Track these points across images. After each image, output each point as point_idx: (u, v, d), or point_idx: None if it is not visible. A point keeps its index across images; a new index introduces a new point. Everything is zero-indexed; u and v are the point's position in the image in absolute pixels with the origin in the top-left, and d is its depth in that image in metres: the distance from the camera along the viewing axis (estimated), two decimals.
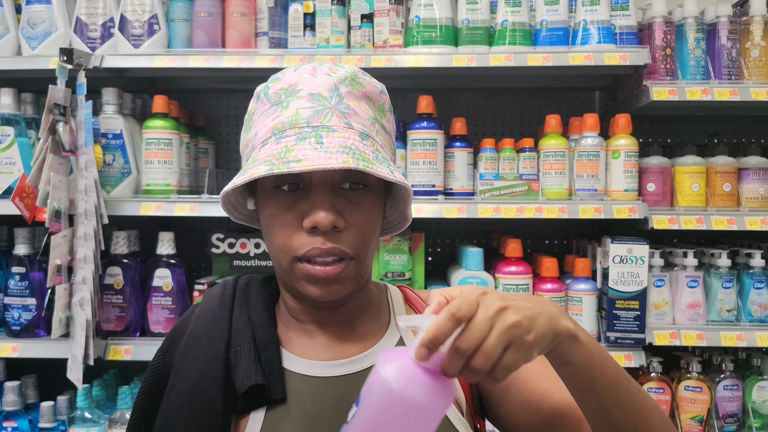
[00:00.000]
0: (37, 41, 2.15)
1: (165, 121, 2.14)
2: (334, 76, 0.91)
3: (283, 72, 0.95)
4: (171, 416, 0.91)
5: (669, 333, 2.03)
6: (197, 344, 0.95)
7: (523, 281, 2.07)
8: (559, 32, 2.11)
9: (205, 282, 2.17)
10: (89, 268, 1.95)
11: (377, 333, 0.98)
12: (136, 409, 0.99)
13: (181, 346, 0.96)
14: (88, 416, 2.03)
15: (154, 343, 2.08)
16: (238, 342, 0.94)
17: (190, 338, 0.96)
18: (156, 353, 1.00)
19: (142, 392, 1.00)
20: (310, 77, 0.91)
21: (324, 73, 0.92)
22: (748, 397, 2.12)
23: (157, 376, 0.98)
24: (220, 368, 0.92)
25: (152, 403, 0.96)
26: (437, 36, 2.09)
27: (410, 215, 1.02)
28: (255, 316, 0.98)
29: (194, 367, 0.93)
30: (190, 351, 0.95)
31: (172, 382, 0.94)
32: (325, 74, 0.91)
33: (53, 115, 1.95)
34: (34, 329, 2.12)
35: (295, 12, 2.13)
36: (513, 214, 2.02)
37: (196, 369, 0.93)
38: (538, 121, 2.35)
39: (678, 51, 2.15)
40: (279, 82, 0.93)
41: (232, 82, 2.48)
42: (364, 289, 0.99)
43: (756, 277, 2.11)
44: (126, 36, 2.13)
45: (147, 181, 2.14)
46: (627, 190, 2.07)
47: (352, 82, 0.92)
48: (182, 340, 0.97)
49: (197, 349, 0.94)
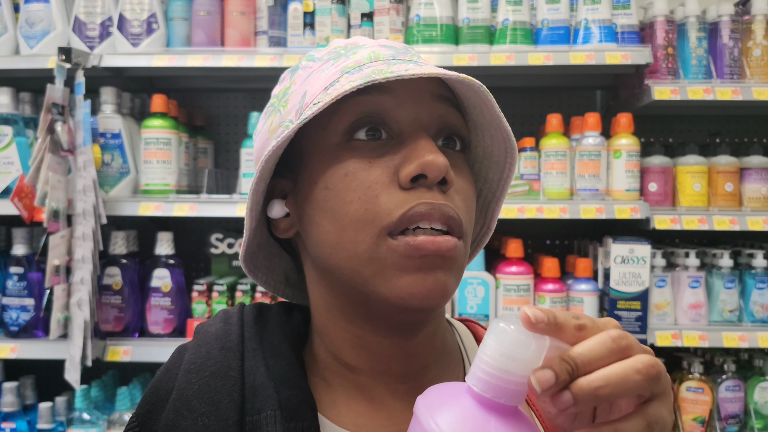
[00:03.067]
0: (36, 40, 2.14)
1: (164, 121, 2.13)
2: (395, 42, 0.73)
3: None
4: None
5: (671, 334, 2.02)
6: (192, 411, 0.64)
7: (523, 281, 2.06)
8: (560, 31, 2.10)
9: (204, 282, 2.16)
10: (87, 268, 1.94)
11: None
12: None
13: (166, 413, 0.66)
14: (86, 417, 2.02)
15: (153, 344, 2.08)
16: (256, 408, 0.64)
17: (182, 401, 0.65)
18: (129, 421, 0.69)
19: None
20: (369, 39, 0.73)
21: (397, 42, 0.74)
22: (750, 398, 2.11)
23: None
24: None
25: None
26: (438, 35, 2.08)
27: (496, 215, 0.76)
28: (276, 365, 0.67)
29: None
30: (182, 422, 0.64)
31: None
32: (396, 42, 0.73)
33: (51, 115, 1.94)
34: (33, 330, 2.11)
35: (295, 11, 2.12)
36: (514, 214, 2.01)
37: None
38: (539, 121, 2.33)
39: (680, 50, 2.14)
40: (325, 48, 0.74)
41: (231, 82, 2.47)
42: (440, 316, 0.71)
43: (758, 278, 2.10)
44: (125, 35, 2.12)
45: (146, 181, 2.13)
46: (628, 189, 2.06)
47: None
48: (167, 403, 0.66)
49: (192, 420, 0.64)
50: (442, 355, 0.72)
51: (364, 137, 0.65)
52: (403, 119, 0.65)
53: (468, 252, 0.68)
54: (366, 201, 0.62)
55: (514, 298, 2.05)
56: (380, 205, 0.62)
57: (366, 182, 0.63)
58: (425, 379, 0.68)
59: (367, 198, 0.62)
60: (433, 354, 0.70)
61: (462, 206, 0.65)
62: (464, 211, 0.65)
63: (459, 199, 0.64)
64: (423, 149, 0.62)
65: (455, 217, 0.62)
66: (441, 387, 0.52)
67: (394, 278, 0.62)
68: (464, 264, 0.67)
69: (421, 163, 0.61)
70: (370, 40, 0.72)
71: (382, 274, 0.62)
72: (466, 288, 2.07)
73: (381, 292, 0.62)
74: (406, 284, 0.61)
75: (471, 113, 0.71)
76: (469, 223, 0.66)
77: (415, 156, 0.62)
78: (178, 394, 0.66)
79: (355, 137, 0.65)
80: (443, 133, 0.67)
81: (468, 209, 0.66)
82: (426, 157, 0.61)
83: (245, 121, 2.55)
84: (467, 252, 0.67)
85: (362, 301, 0.65)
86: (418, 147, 0.63)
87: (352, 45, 0.71)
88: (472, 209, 0.67)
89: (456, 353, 0.74)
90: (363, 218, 0.62)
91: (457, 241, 0.63)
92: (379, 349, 0.67)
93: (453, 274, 0.64)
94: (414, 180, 0.62)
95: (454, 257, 0.63)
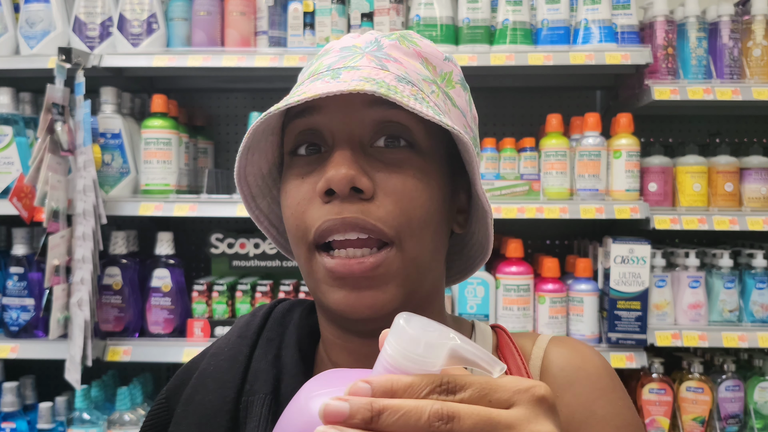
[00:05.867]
0: (36, 40, 2.14)
1: (164, 121, 2.13)
2: (379, 34, 0.72)
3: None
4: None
5: (670, 334, 2.02)
6: (205, 388, 0.73)
7: (523, 281, 2.06)
8: (560, 31, 2.10)
9: (204, 282, 2.16)
10: (87, 268, 1.94)
11: None
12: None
13: (188, 389, 0.75)
14: (86, 417, 2.02)
15: (153, 344, 2.08)
16: (254, 389, 0.71)
17: (199, 379, 0.74)
18: (159, 395, 0.79)
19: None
20: (351, 38, 0.73)
21: (370, 33, 0.73)
22: (749, 398, 2.10)
23: (155, 426, 0.76)
24: (223, 425, 0.70)
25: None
26: (437, 35, 2.08)
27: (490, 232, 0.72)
28: (285, 356, 0.73)
29: (195, 418, 0.72)
30: (196, 396, 0.73)
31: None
32: (369, 34, 0.73)
33: (51, 115, 1.94)
34: (33, 330, 2.11)
35: (295, 11, 2.12)
36: (514, 214, 2.01)
37: (196, 422, 0.72)
38: (539, 121, 2.34)
39: (679, 50, 2.14)
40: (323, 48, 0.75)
41: (231, 82, 2.47)
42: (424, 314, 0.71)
43: (758, 278, 2.10)
44: (125, 35, 2.12)
45: (146, 181, 2.13)
46: (628, 189, 2.06)
47: (401, 38, 0.71)
48: (191, 380, 0.75)
49: (203, 395, 0.73)
50: None
51: (304, 153, 0.68)
52: (336, 131, 0.66)
53: (429, 238, 0.66)
54: (297, 217, 0.66)
55: (514, 298, 2.05)
56: (306, 221, 0.65)
57: (297, 198, 0.66)
58: None
59: (297, 214, 0.66)
60: None
61: (393, 208, 0.63)
62: (396, 213, 0.63)
63: (389, 202, 0.63)
64: (331, 163, 0.63)
65: (372, 224, 0.62)
66: (338, 371, 0.53)
67: (327, 292, 0.65)
68: (412, 259, 0.65)
69: (326, 178, 0.63)
70: (337, 43, 0.73)
71: (319, 287, 0.66)
72: (466, 288, 2.07)
73: (325, 303, 0.66)
74: (336, 299, 0.64)
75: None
76: (406, 219, 0.64)
77: (325, 170, 0.64)
78: (199, 373, 0.75)
79: (297, 153, 0.68)
80: (381, 135, 0.66)
81: (404, 208, 0.64)
82: (329, 171, 0.63)
83: (245, 121, 2.55)
84: (419, 240, 0.65)
85: (324, 306, 0.68)
86: (331, 161, 0.64)
87: (324, 51, 0.73)
88: (414, 204, 0.65)
89: None
90: (296, 234, 0.66)
91: (385, 254, 0.63)
92: (354, 348, 0.70)
93: (387, 287, 0.64)
94: (329, 194, 0.63)
95: (379, 274, 0.63)
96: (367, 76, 0.63)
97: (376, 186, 0.64)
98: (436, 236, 0.68)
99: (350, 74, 0.64)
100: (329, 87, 0.60)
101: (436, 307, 0.73)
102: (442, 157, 0.70)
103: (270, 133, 0.71)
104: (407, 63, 0.68)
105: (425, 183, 0.66)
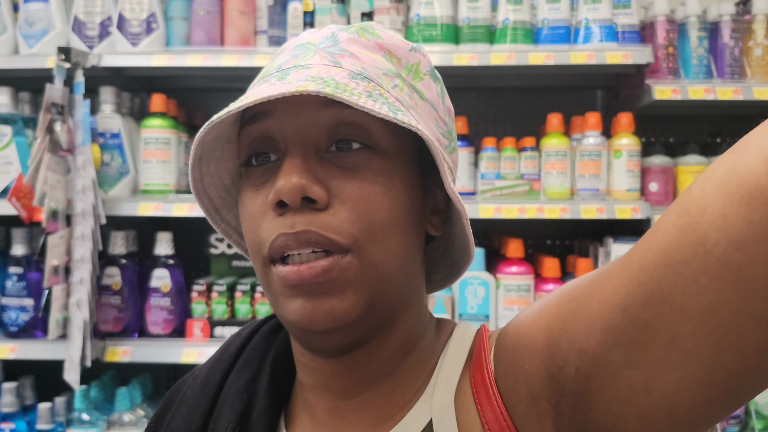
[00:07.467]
0: (35, 40, 2.14)
1: (163, 120, 2.13)
2: (337, 28, 0.68)
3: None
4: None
5: None
6: (180, 412, 0.72)
7: (524, 282, 2.06)
8: (560, 31, 2.09)
9: (204, 282, 2.15)
10: (87, 268, 1.94)
11: (402, 407, 0.65)
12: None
13: (169, 414, 0.74)
14: (85, 418, 2.01)
15: (153, 344, 2.07)
16: (219, 416, 0.69)
17: (178, 403, 0.73)
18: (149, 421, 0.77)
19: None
20: (309, 34, 0.69)
21: (328, 28, 0.69)
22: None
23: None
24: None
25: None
26: (438, 34, 2.08)
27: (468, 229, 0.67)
28: (263, 378, 0.71)
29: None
30: (173, 422, 0.72)
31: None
32: (327, 28, 0.69)
33: (51, 115, 1.94)
34: (32, 330, 2.10)
35: (295, 10, 2.12)
36: (514, 214, 2.00)
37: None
38: (539, 120, 2.33)
39: (680, 50, 2.13)
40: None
41: (230, 81, 2.46)
42: (395, 325, 0.66)
43: None
44: (124, 34, 2.11)
45: (145, 181, 2.13)
46: (629, 189, 2.06)
47: (361, 30, 0.66)
48: (174, 404, 0.75)
49: (177, 420, 0.71)
50: (400, 365, 0.66)
51: (256, 163, 0.64)
52: (288, 136, 0.62)
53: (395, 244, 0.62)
54: (252, 231, 0.62)
55: (514, 298, 2.05)
56: (261, 234, 0.61)
57: (252, 212, 0.62)
58: (368, 395, 0.65)
59: (253, 228, 0.62)
60: (382, 366, 0.65)
61: (348, 215, 0.59)
62: (353, 220, 0.59)
63: (345, 209, 0.59)
64: (281, 172, 0.59)
65: (324, 235, 0.58)
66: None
67: (284, 304, 0.61)
68: (372, 267, 0.61)
69: (276, 189, 0.59)
70: (294, 40, 0.69)
71: (276, 300, 0.62)
72: (467, 288, 2.06)
73: (284, 315, 0.62)
74: (292, 310, 0.60)
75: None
76: (366, 225, 0.60)
77: (275, 181, 0.60)
78: (182, 395, 0.74)
79: (251, 163, 0.64)
80: (336, 138, 0.62)
81: (362, 214, 0.60)
82: (278, 182, 0.58)
83: None
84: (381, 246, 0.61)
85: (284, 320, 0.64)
86: (281, 170, 0.60)
87: (280, 50, 0.69)
88: (374, 209, 0.61)
89: (430, 362, 0.67)
90: (253, 248, 0.63)
91: (337, 259, 0.59)
92: (315, 366, 0.66)
93: (345, 294, 0.59)
94: (281, 205, 0.59)
95: (333, 279, 0.59)
96: (315, 75, 0.59)
97: (330, 194, 0.60)
98: (403, 240, 0.63)
99: (298, 74, 0.60)
100: (272, 90, 0.56)
101: (411, 315, 0.67)
102: (409, 156, 0.65)
103: (226, 141, 0.67)
104: (366, 57, 0.64)
105: (386, 185, 0.62)
